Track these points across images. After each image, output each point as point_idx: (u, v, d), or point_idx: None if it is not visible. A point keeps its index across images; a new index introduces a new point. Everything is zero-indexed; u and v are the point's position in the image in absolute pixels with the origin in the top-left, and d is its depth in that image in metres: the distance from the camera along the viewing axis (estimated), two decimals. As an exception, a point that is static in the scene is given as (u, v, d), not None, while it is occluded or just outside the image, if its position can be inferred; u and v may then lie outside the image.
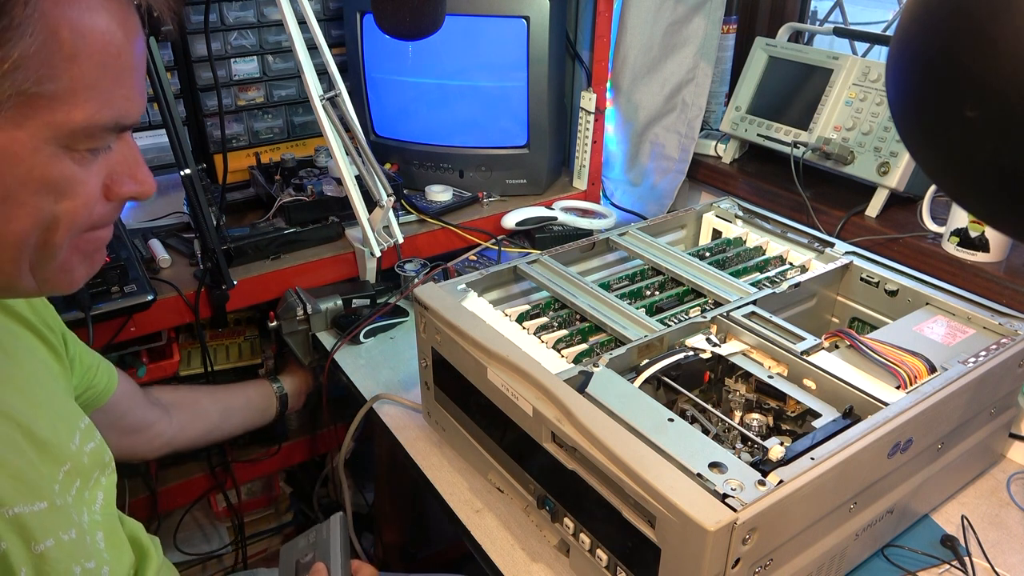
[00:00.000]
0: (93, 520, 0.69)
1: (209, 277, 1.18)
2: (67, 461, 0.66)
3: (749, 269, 1.08)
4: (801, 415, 0.81)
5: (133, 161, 0.59)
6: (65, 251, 0.57)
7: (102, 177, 0.57)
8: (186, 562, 1.44)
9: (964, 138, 0.52)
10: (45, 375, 0.72)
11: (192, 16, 1.34)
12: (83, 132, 0.53)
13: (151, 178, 0.60)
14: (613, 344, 0.90)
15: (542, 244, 1.40)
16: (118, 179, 0.58)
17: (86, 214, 0.56)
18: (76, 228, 0.56)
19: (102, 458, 0.73)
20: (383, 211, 1.21)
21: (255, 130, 1.49)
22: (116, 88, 0.54)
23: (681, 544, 0.64)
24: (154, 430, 1.04)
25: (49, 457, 0.64)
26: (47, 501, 0.61)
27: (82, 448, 0.70)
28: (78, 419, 0.72)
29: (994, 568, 0.84)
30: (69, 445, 0.68)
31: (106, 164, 0.57)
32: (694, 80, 1.50)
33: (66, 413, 0.71)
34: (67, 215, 0.55)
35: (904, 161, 1.22)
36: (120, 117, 0.55)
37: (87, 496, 0.69)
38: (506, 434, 0.85)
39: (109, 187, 0.57)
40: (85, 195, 0.55)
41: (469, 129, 1.46)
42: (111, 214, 0.59)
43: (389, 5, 0.97)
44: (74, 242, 0.57)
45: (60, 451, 0.66)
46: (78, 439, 0.70)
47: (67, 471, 0.66)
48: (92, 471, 0.70)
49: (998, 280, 1.08)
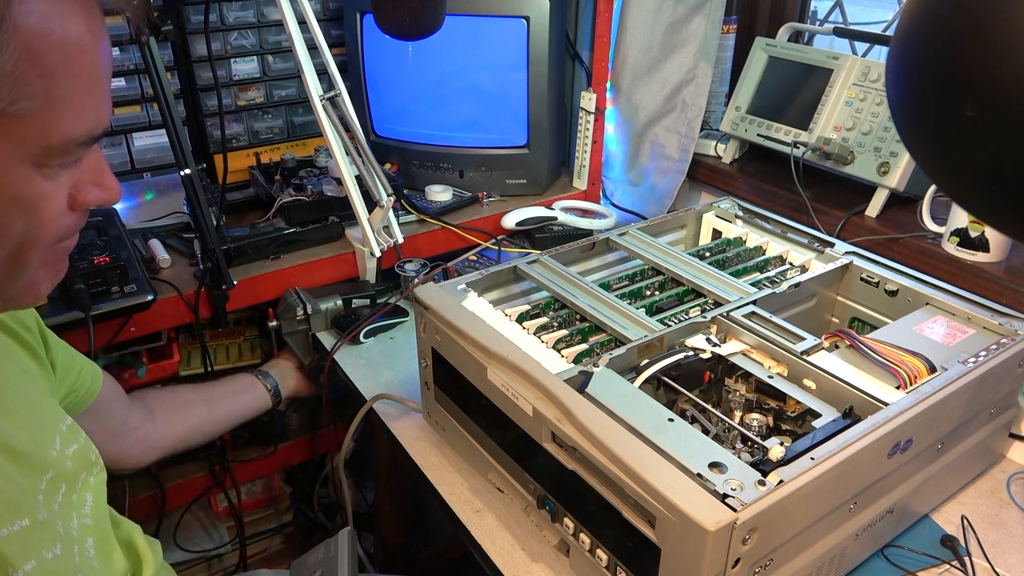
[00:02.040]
0: (83, 525, 0.67)
1: (209, 277, 1.18)
2: (49, 469, 0.64)
3: (749, 269, 1.08)
4: (801, 415, 0.81)
5: (99, 169, 0.57)
6: (33, 267, 0.56)
7: (67, 189, 0.55)
8: (186, 561, 1.44)
9: (964, 138, 0.52)
10: (21, 378, 0.70)
11: (192, 16, 1.35)
12: (58, 149, 0.51)
13: (117, 184, 0.58)
14: (613, 344, 0.90)
15: (542, 244, 1.39)
16: (84, 188, 0.56)
17: (55, 229, 0.55)
18: (46, 244, 0.55)
19: (87, 458, 0.71)
20: (383, 211, 1.21)
21: (255, 130, 1.49)
22: (88, 99, 0.52)
23: (681, 544, 0.64)
24: (139, 433, 1.01)
25: (30, 469, 0.62)
26: (28, 518, 0.59)
27: (64, 452, 0.67)
28: (58, 422, 0.70)
29: (994, 568, 0.84)
30: (50, 452, 0.66)
31: (73, 175, 0.55)
32: (694, 80, 1.50)
33: (45, 418, 0.69)
34: (37, 232, 0.53)
35: (904, 161, 1.22)
36: (92, 129, 0.53)
37: (75, 500, 0.67)
38: (506, 434, 0.85)
39: (74, 197, 0.56)
40: (53, 210, 0.54)
41: (469, 129, 1.46)
42: (77, 224, 0.58)
43: (389, 5, 0.97)
44: (43, 257, 0.56)
45: (40, 460, 0.64)
46: (59, 443, 0.67)
47: (50, 479, 0.64)
48: (78, 473, 0.68)
49: (998, 280, 1.08)
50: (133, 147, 1.36)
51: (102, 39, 0.53)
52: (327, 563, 0.88)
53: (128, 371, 1.28)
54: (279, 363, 1.27)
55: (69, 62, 0.50)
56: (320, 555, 0.90)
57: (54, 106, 0.50)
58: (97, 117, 0.53)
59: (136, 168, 1.38)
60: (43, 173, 0.52)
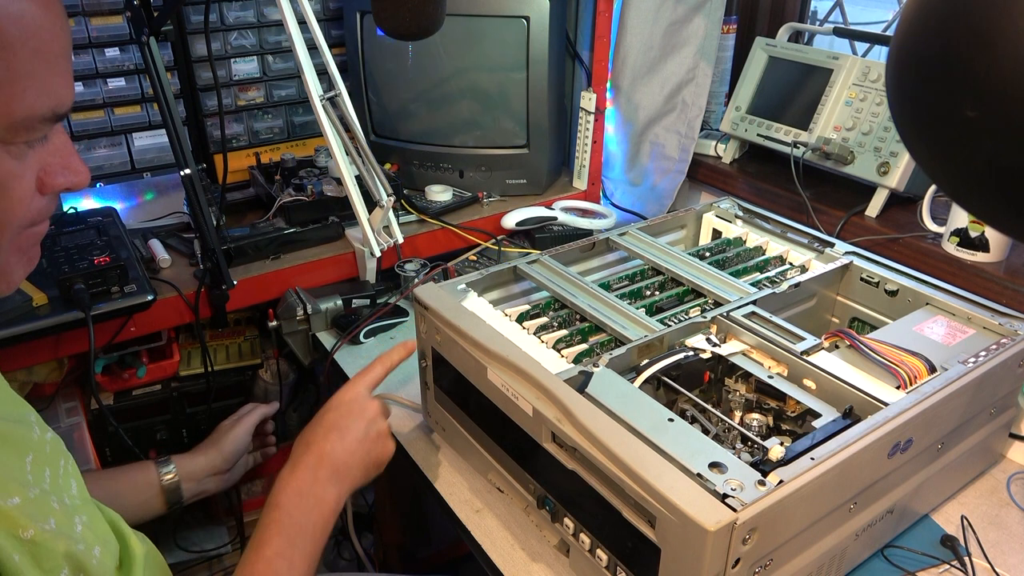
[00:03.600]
0: (73, 504, 0.66)
1: (209, 277, 1.18)
2: (29, 451, 0.63)
3: (749, 269, 1.08)
4: (801, 415, 0.81)
5: (66, 151, 0.57)
6: (5, 253, 0.55)
7: (36, 171, 0.55)
8: (186, 561, 1.44)
9: (964, 138, 0.52)
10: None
11: (192, 16, 1.35)
12: (23, 124, 0.52)
13: (85, 167, 0.59)
14: (613, 344, 0.90)
15: (542, 244, 1.39)
16: (52, 171, 0.56)
17: (24, 211, 0.55)
18: (15, 227, 0.55)
19: (62, 448, 0.70)
20: (383, 211, 1.21)
21: (255, 130, 1.49)
22: (51, 75, 0.52)
23: (681, 544, 0.64)
24: None
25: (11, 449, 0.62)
26: (19, 496, 0.59)
27: (43, 437, 0.67)
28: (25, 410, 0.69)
29: (994, 568, 0.84)
30: (31, 434, 0.65)
31: (40, 157, 0.55)
32: (694, 80, 1.50)
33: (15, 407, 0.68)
34: (6, 213, 0.53)
35: (904, 161, 1.22)
36: (57, 105, 0.53)
37: (61, 483, 0.66)
38: (506, 434, 0.85)
39: (43, 180, 0.56)
40: (21, 190, 0.54)
41: (469, 129, 1.46)
42: (47, 208, 0.58)
43: (389, 5, 0.97)
44: (14, 243, 0.56)
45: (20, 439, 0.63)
46: (37, 429, 0.67)
47: (32, 460, 0.63)
48: (56, 459, 0.67)
49: (998, 280, 1.08)
50: (133, 147, 1.37)
51: (59, 17, 0.53)
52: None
53: (128, 371, 1.28)
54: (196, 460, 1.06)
55: (29, 37, 0.50)
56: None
57: (16, 80, 0.50)
58: (60, 95, 0.54)
59: (136, 168, 1.38)
60: (10, 152, 0.52)
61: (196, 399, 1.34)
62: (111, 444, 1.28)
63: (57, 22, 0.53)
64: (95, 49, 1.29)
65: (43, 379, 1.26)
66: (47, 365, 1.25)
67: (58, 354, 1.13)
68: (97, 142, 1.34)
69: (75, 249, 1.12)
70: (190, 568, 1.46)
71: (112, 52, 1.31)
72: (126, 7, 1.12)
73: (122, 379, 1.28)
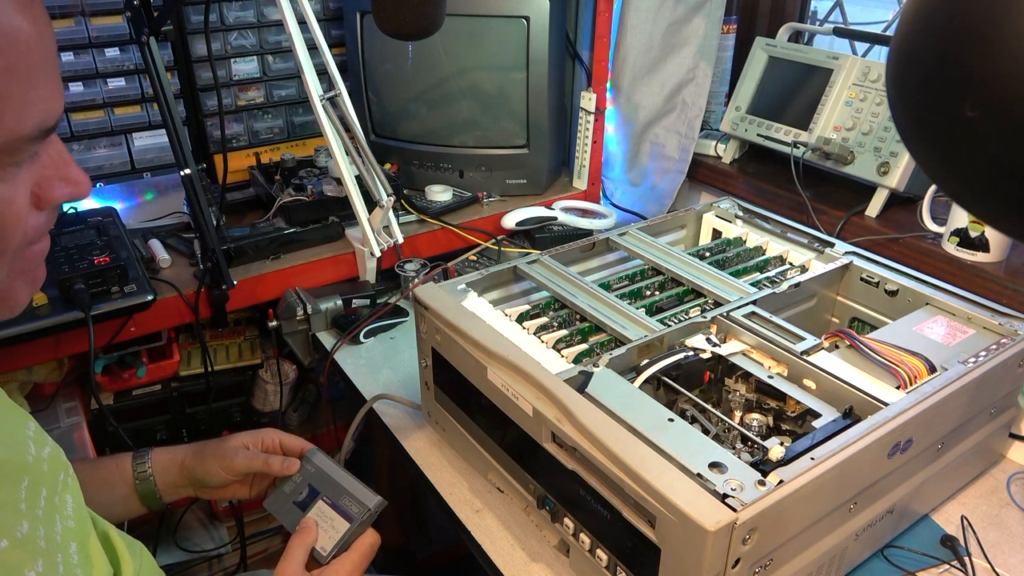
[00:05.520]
0: (67, 528, 0.63)
1: (209, 277, 1.18)
2: (24, 476, 0.59)
3: (749, 269, 1.08)
4: (801, 415, 0.81)
5: (62, 162, 0.53)
6: (5, 279, 0.52)
7: (29, 187, 0.51)
8: (187, 561, 1.44)
9: (964, 138, 0.52)
10: None
11: (192, 16, 1.35)
12: (5, 149, 0.47)
13: (84, 176, 0.54)
14: (613, 344, 0.90)
15: (542, 244, 1.40)
16: (48, 184, 0.52)
17: (19, 233, 0.50)
18: (13, 250, 0.51)
19: (61, 459, 0.67)
20: (383, 211, 1.21)
21: (255, 130, 1.49)
22: (29, 91, 0.47)
23: (681, 544, 0.64)
24: None
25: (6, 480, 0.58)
26: (7, 538, 0.55)
27: (39, 455, 0.63)
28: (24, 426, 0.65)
29: (994, 568, 0.84)
30: (25, 457, 0.61)
31: (33, 172, 0.51)
32: (694, 80, 1.50)
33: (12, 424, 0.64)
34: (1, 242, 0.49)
35: (904, 161, 1.22)
36: (42, 122, 0.49)
37: (57, 503, 0.63)
38: (506, 434, 0.85)
39: (39, 195, 0.51)
40: (14, 213, 0.49)
41: (469, 129, 1.46)
42: (46, 224, 0.54)
43: (389, 5, 0.97)
44: (15, 266, 0.52)
45: (15, 467, 0.59)
46: (33, 448, 0.63)
47: (27, 486, 0.59)
48: (56, 475, 0.64)
49: (998, 280, 1.08)
50: (133, 147, 1.37)
51: (39, 23, 0.48)
52: (315, 477, 0.83)
53: (128, 371, 1.28)
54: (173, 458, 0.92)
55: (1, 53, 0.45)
56: (298, 479, 0.84)
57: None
58: (45, 109, 0.49)
59: (136, 168, 1.38)
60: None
61: (196, 399, 1.35)
62: (111, 444, 1.28)
63: (35, 28, 0.47)
64: (95, 49, 1.29)
65: (43, 379, 1.26)
66: (47, 365, 1.25)
67: (58, 354, 1.13)
68: (97, 142, 1.34)
69: (75, 249, 1.12)
70: (190, 568, 1.46)
71: (112, 52, 1.31)
72: (126, 7, 1.12)
73: (122, 379, 1.29)
